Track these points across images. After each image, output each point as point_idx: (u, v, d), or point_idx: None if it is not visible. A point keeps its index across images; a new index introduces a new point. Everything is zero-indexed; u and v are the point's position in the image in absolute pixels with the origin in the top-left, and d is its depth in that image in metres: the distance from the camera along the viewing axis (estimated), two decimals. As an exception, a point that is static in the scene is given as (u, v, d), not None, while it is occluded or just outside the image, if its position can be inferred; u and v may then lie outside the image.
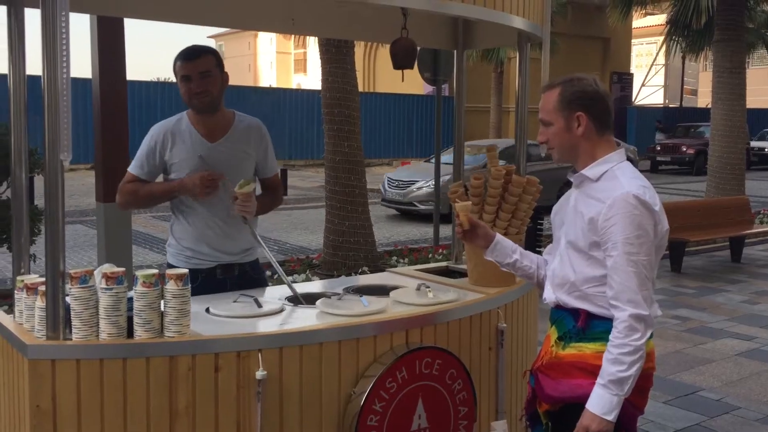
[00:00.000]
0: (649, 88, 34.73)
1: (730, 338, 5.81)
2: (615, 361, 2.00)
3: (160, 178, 3.08)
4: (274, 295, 2.89)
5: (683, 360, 5.25)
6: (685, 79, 34.65)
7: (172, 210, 3.10)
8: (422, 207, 12.53)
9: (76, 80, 16.50)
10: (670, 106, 34.44)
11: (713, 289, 7.61)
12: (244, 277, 3.11)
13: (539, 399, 2.25)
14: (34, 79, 2.62)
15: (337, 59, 7.65)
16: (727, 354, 5.40)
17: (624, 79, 30.32)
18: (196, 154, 2.94)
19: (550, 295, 2.27)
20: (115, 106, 4.81)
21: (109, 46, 4.82)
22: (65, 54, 2.11)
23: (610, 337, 2.03)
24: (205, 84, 2.92)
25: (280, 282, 3.26)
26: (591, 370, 2.09)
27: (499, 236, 2.45)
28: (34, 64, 2.32)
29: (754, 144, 26.13)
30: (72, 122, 2.16)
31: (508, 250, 2.43)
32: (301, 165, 23.34)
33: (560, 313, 2.22)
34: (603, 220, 2.06)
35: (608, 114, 2.20)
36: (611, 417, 1.99)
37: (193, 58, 2.93)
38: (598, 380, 2.02)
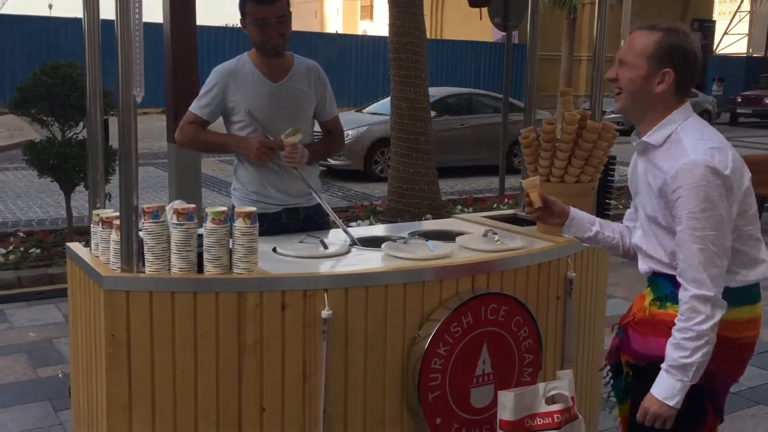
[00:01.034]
0: (732, 37, 32.92)
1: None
2: (677, 347, 1.90)
3: (220, 121, 3.07)
4: (339, 237, 2.90)
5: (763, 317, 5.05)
6: (772, 26, 32.70)
7: (237, 155, 3.12)
8: (333, 162, 10.92)
9: (147, 25, 16.73)
10: (755, 55, 32.61)
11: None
12: (308, 221, 3.12)
13: (624, 351, 2.17)
14: (109, 25, 2.66)
15: (405, 2, 7.49)
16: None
17: (705, 27, 28.79)
18: (260, 94, 2.93)
19: (643, 266, 2.13)
20: (185, 51, 4.84)
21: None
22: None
23: (676, 319, 1.92)
24: (281, 28, 2.89)
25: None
26: None
27: (574, 210, 2.28)
28: (107, 10, 2.36)
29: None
30: (144, 65, 2.18)
31: (586, 223, 2.27)
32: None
33: (658, 279, 2.09)
34: (670, 192, 1.91)
35: (694, 81, 2.03)
36: (673, 402, 1.91)
37: (271, 1, 2.86)
38: (663, 364, 1.94)
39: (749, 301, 1.99)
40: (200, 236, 2.23)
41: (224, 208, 2.24)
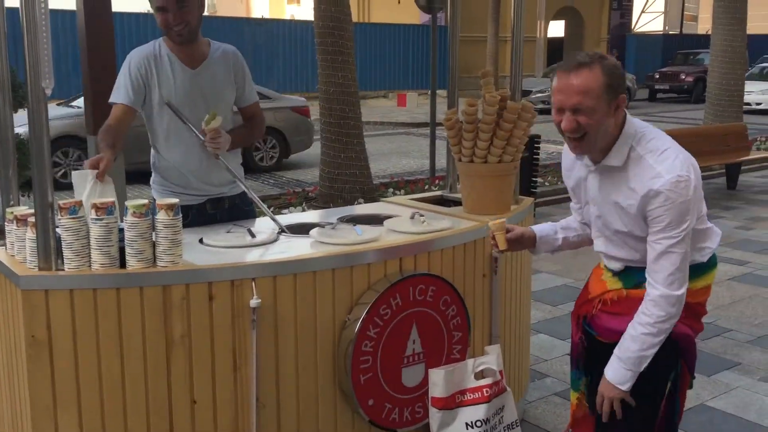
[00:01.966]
0: (648, 15, 34.01)
1: (724, 263, 5.85)
2: (635, 339, 1.99)
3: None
4: (267, 226, 2.88)
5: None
6: (686, 5, 33.91)
7: (153, 146, 3.02)
8: None
9: (63, 12, 16.11)
10: (670, 32, 33.80)
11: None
12: (234, 210, 3.09)
13: (600, 333, 2.20)
14: (14, 12, 2.55)
15: (329, -13, 7.44)
16: (720, 279, 5.45)
17: (624, 6, 29.64)
18: (179, 80, 2.87)
19: (614, 264, 2.18)
20: (101, 38, 4.68)
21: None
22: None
23: (638, 312, 2.01)
24: (182, 15, 2.80)
25: (275, 213, 3.23)
26: None
27: (536, 231, 2.36)
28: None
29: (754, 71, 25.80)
30: (64, 56, 2.11)
31: (550, 237, 2.36)
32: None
33: (630, 270, 2.15)
34: (649, 209, 1.96)
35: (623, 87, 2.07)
36: (625, 387, 2.03)
37: None
38: (616, 351, 2.04)
39: (714, 264, 2.13)
40: (121, 230, 2.18)
41: (145, 201, 2.19)
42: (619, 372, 2.04)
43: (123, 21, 18.02)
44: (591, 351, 2.24)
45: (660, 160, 1.97)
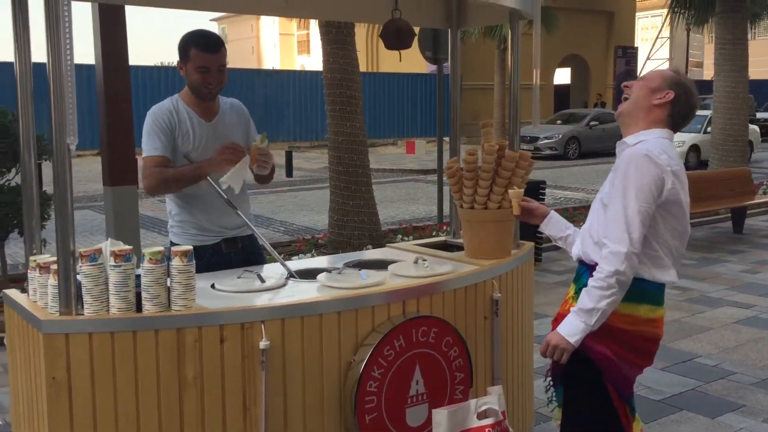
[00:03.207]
0: (654, 62, 34.47)
1: (729, 307, 5.90)
2: (587, 292, 2.16)
3: None
4: (276, 271, 3.00)
5: (682, 329, 5.35)
6: (690, 51, 34.37)
7: (168, 196, 3.19)
8: None
9: (80, 66, 16.55)
10: (676, 79, 34.12)
11: (714, 259, 7.69)
12: (246, 250, 3.23)
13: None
14: (39, 67, 2.70)
15: (337, 40, 7.70)
16: (726, 322, 5.50)
17: (629, 53, 30.07)
18: (198, 134, 3.05)
19: (576, 249, 2.41)
20: (118, 91, 4.90)
21: (111, 32, 4.90)
22: (68, 40, 2.21)
23: (594, 271, 2.18)
24: (221, 77, 3.04)
25: (285, 259, 3.36)
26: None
27: (553, 213, 2.64)
28: (38, 51, 2.41)
29: (760, 115, 26.02)
30: (77, 108, 2.26)
31: (561, 225, 2.62)
32: (306, 147, 23.41)
33: (581, 268, 2.36)
34: (616, 171, 2.23)
35: (686, 120, 2.34)
36: (573, 340, 2.17)
37: (214, 50, 2.99)
38: (573, 308, 2.20)
39: (652, 301, 2.21)
40: (138, 276, 2.31)
41: (161, 248, 2.32)
42: (572, 324, 2.17)
43: (138, 74, 18.52)
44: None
45: (654, 144, 2.20)
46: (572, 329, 2.17)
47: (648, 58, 31.69)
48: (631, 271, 2.13)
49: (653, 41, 35.49)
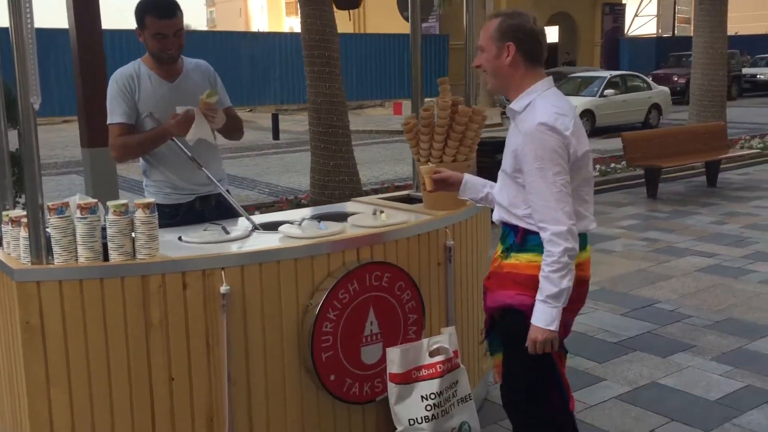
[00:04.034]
0: (642, 19, 34.33)
1: (693, 256, 6.12)
2: (548, 279, 2.25)
3: None
4: (242, 224, 3.16)
5: (645, 277, 5.56)
6: (678, 7, 34.22)
7: (144, 158, 3.32)
8: None
9: (60, 31, 16.45)
10: (664, 35, 34.10)
11: (685, 212, 7.90)
12: (221, 207, 3.38)
13: (485, 310, 2.53)
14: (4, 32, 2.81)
15: (315, 0, 7.75)
16: (688, 270, 5.72)
17: (616, 10, 29.97)
18: (159, 94, 3.17)
19: (495, 214, 2.54)
20: (92, 55, 4.99)
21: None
22: (28, 2, 2.33)
23: (543, 255, 2.27)
24: (179, 41, 3.12)
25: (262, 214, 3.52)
26: (521, 281, 2.36)
27: (467, 177, 2.71)
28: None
29: (746, 71, 26.07)
30: (60, 74, 2.39)
31: (478, 186, 2.69)
32: (294, 109, 23.38)
33: (505, 229, 2.48)
34: (520, 149, 2.30)
35: (539, 50, 2.38)
36: (554, 327, 2.25)
37: (170, 16, 3.06)
38: (538, 296, 2.27)
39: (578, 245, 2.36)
40: (104, 228, 2.47)
41: (125, 201, 2.48)
42: (546, 312, 2.25)
43: (114, 38, 18.38)
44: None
45: (544, 109, 2.29)
46: (549, 318, 2.25)
47: (636, 15, 31.56)
48: (575, 242, 2.24)
49: (641, -3, 35.26)
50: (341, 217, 3.29)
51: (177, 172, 3.28)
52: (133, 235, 2.48)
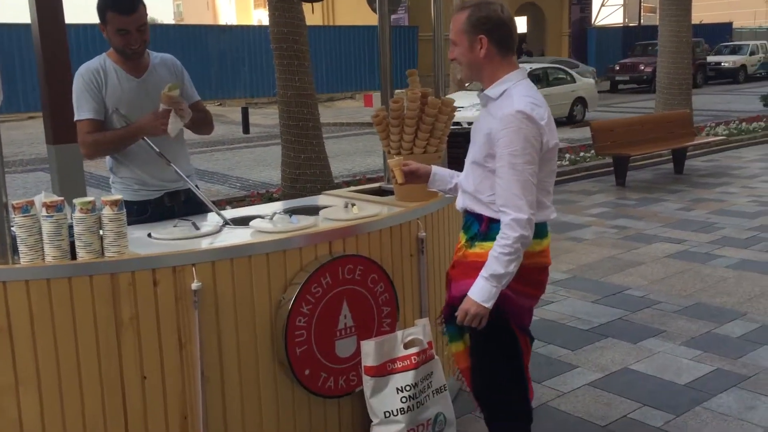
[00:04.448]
0: (608, 8, 34.66)
1: (662, 242, 6.21)
2: (497, 260, 2.28)
3: None
4: (213, 219, 3.13)
5: (615, 264, 5.64)
6: (644, -4, 34.59)
7: (111, 156, 3.26)
8: None
9: (23, 26, 16.13)
10: (630, 25, 34.47)
11: (653, 199, 8.01)
12: (190, 203, 3.34)
13: (450, 299, 2.55)
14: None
15: (282, -7, 7.70)
16: (657, 256, 5.80)
17: (583, 1, 30.20)
18: (126, 89, 3.12)
19: (459, 202, 2.56)
20: (56, 50, 4.88)
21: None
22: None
23: (498, 237, 2.31)
24: (142, 36, 3.07)
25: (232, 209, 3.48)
26: None
27: (435, 168, 2.73)
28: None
29: (711, 59, 26.50)
30: (25, 69, 2.34)
31: (446, 177, 2.72)
32: (264, 103, 23.22)
33: (469, 218, 2.51)
34: (495, 134, 2.32)
35: (510, 39, 2.40)
36: (488, 304, 2.30)
37: (130, 12, 3.00)
38: (482, 272, 2.31)
39: (538, 236, 2.38)
40: (71, 226, 2.43)
41: (91, 198, 2.44)
42: (485, 289, 2.30)
43: (79, 33, 18.07)
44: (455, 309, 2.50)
45: (520, 98, 2.31)
46: (487, 295, 2.29)
47: (602, 5, 31.84)
48: (531, 232, 2.28)
49: (608, -13, 35.56)
50: (313, 210, 3.28)
51: (145, 169, 3.23)
52: (101, 232, 2.45)
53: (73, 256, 2.43)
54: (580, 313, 4.60)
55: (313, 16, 7.63)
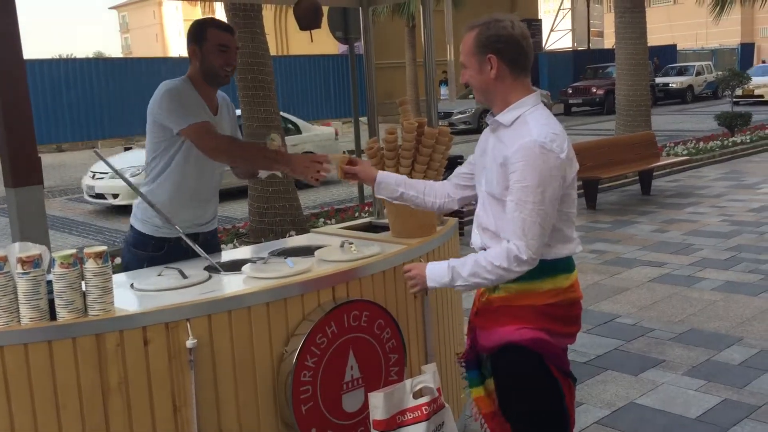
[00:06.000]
0: (557, 33, 35.44)
1: (643, 266, 6.15)
2: (475, 264, 2.14)
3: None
4: (200, 265, 2.89)
5: (601, 291, 5.54)
6: (591, 21, 35.46)
7: (157, 175, 3.03)
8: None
9: None
10: (579, 49, 35.27)
11: (626, 221, 8.00)
12: (204, 245, 3.10)
13: (478, 348, 2.35)
14: None
15: (245, 24, 7.51)
16: (641, 281, 5.73)
17: (533, 26, 30.76)
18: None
19: (477, 240, 2.33)
20: (14, 88, 4.60)
21: (2, 23, 4.58)
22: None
23: (493, 252, 2.13)
24: (237, 58, 2.98)
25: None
26: (515, 313, 2.20)
27: (381, 175, 2.59)
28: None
29: (659, 80, 27.20)
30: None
31: (392, 185, 2.56)
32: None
33: None
34: (509, 165, 2.12)
35: (523, 57, 2.20)
36: (431, 284, 2.25)
37: (231, 30, 2.96)
38: (453, 261, 2.19)
39: (565, 270, 2.23)
40: (49, 282, 2.17)
41: (73, 251, 2.19)
42: (441, 274, 2.21)
43: (35, 68, 17.57)
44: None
45: (539, 127, 2.13)
46: (438, 278, 2.22)
47: (552, 30, 32.53)
48: (519, 271, 2.11)
49: (555, 13, 36.42)
50: (305, 251, 3.07)
51: (181, 212, 3.04)
52: (83, 287, 2.20)
53: (53, 316, 2.17)
54: (575, 344, 4.44)
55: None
